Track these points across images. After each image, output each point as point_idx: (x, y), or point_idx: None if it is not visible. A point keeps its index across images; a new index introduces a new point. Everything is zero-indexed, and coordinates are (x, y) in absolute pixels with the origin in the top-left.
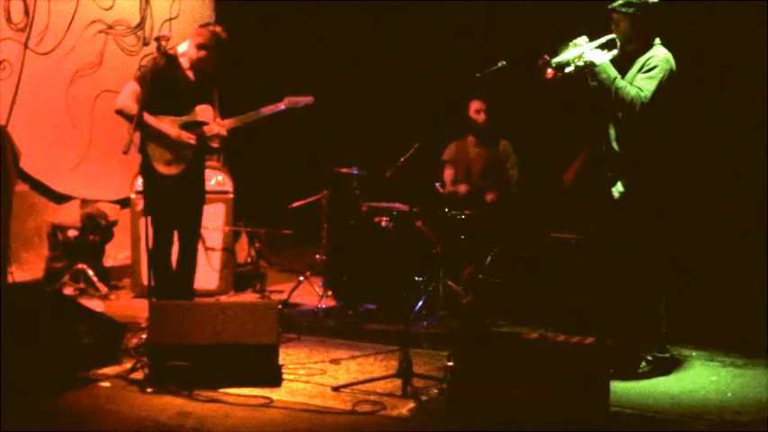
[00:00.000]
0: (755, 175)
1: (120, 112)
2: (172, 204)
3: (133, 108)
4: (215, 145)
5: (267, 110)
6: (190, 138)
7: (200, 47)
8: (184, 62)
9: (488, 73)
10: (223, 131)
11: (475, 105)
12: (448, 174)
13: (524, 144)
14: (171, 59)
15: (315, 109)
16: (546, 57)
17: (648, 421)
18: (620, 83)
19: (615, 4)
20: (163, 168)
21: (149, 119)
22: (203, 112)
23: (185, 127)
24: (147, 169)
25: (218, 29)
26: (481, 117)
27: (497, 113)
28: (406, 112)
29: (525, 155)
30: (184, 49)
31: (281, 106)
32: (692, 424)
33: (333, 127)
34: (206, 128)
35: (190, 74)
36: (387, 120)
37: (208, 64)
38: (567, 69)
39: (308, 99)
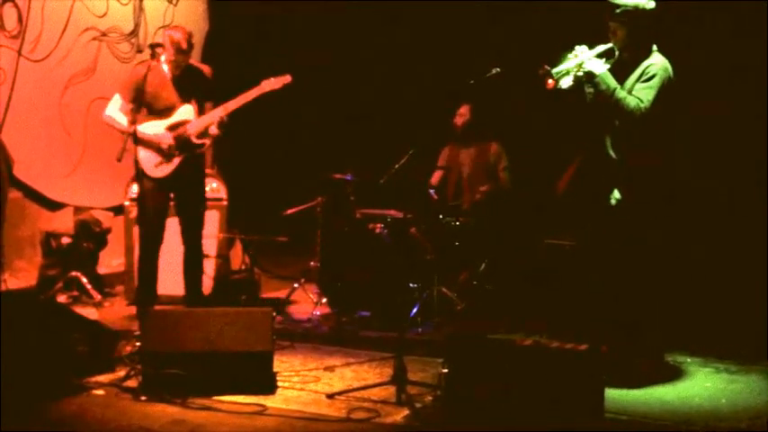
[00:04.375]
0: (752, 184)
1: (107, 124)
2: (162, 208)
3: (119, 118)
4: (198, 142)
5: (246, 95)
6: (167, 139)
7: (164, 49)
8: (164, 67)
9: (483, 79)
10: (204, 124)
11: (458, 110)
12: (436, 177)
13: (521, 148)
14: (152, 65)
15: (312, 114)
16: (546, 67)
17: (643, 428)
18: (620, 94)
19: (612, 12)
20: (153, 171)
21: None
22: (185, 111)
23: (170, 128)
24: (139, 173)
25: (172, 30)
26: (459, 121)
27: (490, 117)
28: (401, 118)
29: (521, 160)
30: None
31: (261, 90)
32: (685, 430)
33: (327, 133)
34: (188, 126)
35: (169, 77)
36: (382, 126)
37: (173, 64)
38: (567, 79)
39: (285, 79)
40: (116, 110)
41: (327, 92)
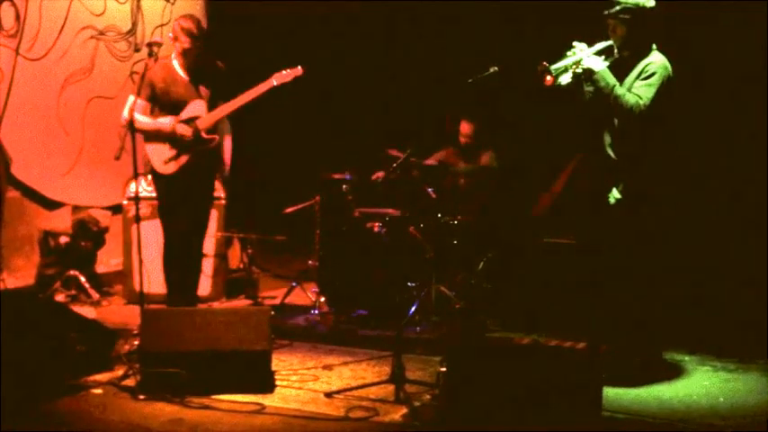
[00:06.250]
0: (753, 183)
1: (126, 127)
2: (176, 205)
3: (137, 118)
4: (207, 137)
5: (257, 89)
6: (185, 130)
7: (174, 40)
8: (175, 63)
9: (480, 79)
10: (214, 118)
11: (464, 128)
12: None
13: (517, 148)
14: (162, 62)
15: (310, 114)
16: (545, 63)
17: (641, 426)
18: (620, 90)
19: (612, 10)
20: (161, 168)
21: (143, 119)
22: (195, 106)
23: (182, 123)
24: (152, 171)
25: (180, 19)
26: (466, 140)
27: (489, 123)
28: (400, 117)
29: (519, 159)
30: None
31: (272, 83)
32: (683, 429)
33: (326, 132)
34: (198, 121)
35: (182, 73)
36: (380, 126)
37: (190, 54)
38: (566, 76)
39: (297, 71)
40: (140, 112)
41: (326, 91)
